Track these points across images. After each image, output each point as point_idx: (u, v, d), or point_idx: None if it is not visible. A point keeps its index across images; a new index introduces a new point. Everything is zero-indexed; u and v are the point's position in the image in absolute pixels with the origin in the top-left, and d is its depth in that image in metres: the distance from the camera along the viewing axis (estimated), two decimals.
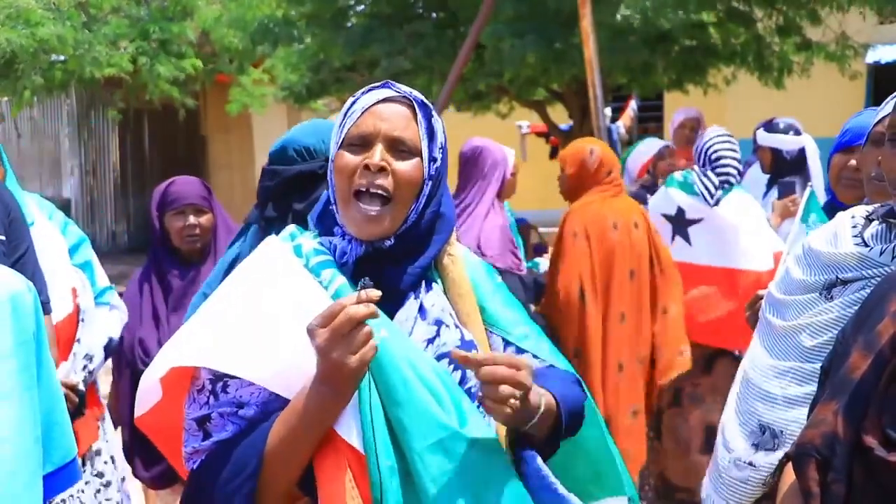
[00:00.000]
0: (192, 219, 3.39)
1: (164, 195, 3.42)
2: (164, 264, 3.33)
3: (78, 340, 2.87)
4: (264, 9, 9.50)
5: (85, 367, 2.89)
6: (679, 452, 4.41)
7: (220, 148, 13.80)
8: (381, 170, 1.48)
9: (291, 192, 2.13)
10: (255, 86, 11.37)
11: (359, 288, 1.37)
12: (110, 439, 3.12)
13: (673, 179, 4.27)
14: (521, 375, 1.39)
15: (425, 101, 1.57)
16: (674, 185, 4.24)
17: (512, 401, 1.37)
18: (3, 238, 2.37)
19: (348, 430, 1.42)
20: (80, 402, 2.82)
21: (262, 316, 1.47)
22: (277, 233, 1.59)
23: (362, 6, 8.82)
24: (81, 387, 2.84)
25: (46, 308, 2.43)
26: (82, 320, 2.90)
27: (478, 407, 1.48)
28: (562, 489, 1.52)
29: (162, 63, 9.83)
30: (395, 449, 1.40)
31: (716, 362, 4.27)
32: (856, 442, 1.24)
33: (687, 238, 4.22)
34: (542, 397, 1.48)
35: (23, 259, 2.42)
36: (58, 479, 1.24)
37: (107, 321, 3.09)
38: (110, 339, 3.07)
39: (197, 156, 13.88)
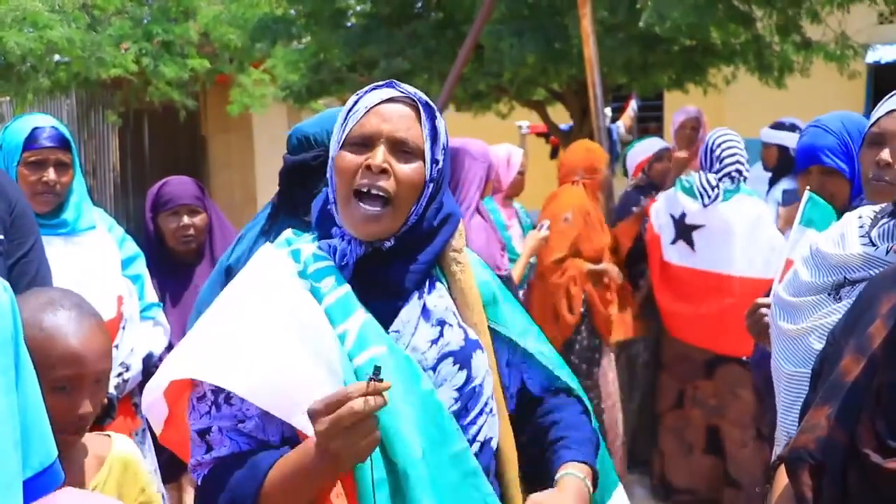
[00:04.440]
0: (185, 219, 3.37)
1: (157, 196, 3.41)
2: (158, 265, 3.31)
3: (116, 346, 2.84)
4: (263, 7, 9.49)
5: (120, 374, 2.86)
6: (681, 453, 4.46)
7: (220, 148, 13.75)
8: (383, 171, 1.46)
9: (293, 181, 2.15)
10: (256, 86, 11.35)
11: (368, 379, 1.32)
12: (148, 455, 3.01)
13: (681, 182, 4.38)
14: None
15: (430, 102, 1.54)
16: (681, 189, 4.35)
17: None
18: (1, 237, 2.33)
19: None
20: (109, 407, 2.76)
21: (254, 332, 1.44)
22: (286, 219, 1.58)
23: (361, 6, 8.79)
24: (112, 391, 2.80)
25: None
26: (123, 328, 2.89)
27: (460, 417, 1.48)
28: None
29: (166, 64, 9.82)
30: (385, 460, 1.39)
31: (718, 367, 4.30)
32: (850, 447, 1.23)
33: (691, 243, 4.29)
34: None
35: (25, 258, 2.35)
36: (37, 484, 1.21)
37: (150, 336, 3.07)
38: (150, 354, 3.04)
39: (197, 156, 13.83)
